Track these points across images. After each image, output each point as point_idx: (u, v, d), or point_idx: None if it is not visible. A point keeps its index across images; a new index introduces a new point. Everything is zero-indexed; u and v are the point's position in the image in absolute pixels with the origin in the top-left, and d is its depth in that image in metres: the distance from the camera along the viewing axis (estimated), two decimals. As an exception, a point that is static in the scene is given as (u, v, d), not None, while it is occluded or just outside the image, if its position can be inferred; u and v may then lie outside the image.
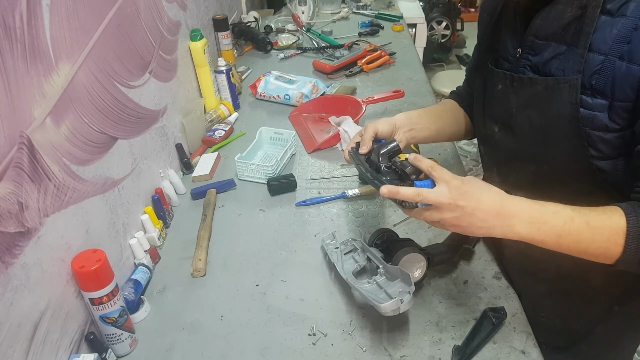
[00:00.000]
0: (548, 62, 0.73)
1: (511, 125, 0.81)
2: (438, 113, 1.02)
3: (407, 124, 0.94)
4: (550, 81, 0.72)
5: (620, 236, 0.64)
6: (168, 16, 1.23)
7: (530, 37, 0.75)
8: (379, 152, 0.79)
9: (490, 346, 0.79)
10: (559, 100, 0.71)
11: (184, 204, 1.18)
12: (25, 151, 0.66)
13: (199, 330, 0.86)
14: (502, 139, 0.85)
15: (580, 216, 0.65)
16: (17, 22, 0.64)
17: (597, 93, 0.67)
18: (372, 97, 1.46)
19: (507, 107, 0.81)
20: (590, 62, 0.67)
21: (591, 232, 0.64)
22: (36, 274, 0.68)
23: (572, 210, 0.66)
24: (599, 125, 0.68)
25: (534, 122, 0.77)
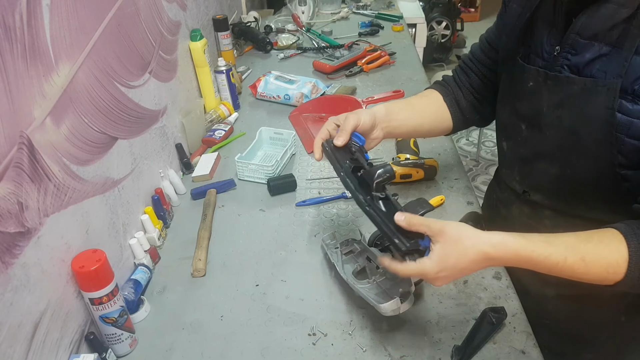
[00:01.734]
0: (589, 63, 0.70)
1: (540, 125, 0.78)
2: (419, 108, 0.98)
3: (386, 120, 0.91)
4: (589, 82, 0.69)
5: (620, 266, 0.63)
6: (168, 16, 1.23)
7: (572, 35, 0.71)
8: (373, 179, 0.74)
9: (490, 346, 0.79)
10: (595, 103, 0.68)
11: (184, 204, 1.18)
12: (25, 151, 0.66)
13: (199, 330, 0.86)
14: (528, 138, 0.81)
15: (574, 254, 0.64)
16: (17, 22, 0.64)
17: (638, 99, 0.65)
18: (372, 97, 1.47)
19: (537, 106, 0.77)
20: (635, 66, 0.64)
21: (586, 267, 0.64)
22: (36, 274, 0.68)
23: (566, 247, 0.64)
24: (636, 132, 0.66)
25: (565, 124, 0.74)
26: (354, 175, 0.78)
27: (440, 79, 1.04)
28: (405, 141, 1.26)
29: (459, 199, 1.12)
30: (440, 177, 1.19)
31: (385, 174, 0.74)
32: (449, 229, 0.66)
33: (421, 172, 1.16)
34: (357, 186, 0.76)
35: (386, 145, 1.34)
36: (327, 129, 0.87)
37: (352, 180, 0.77)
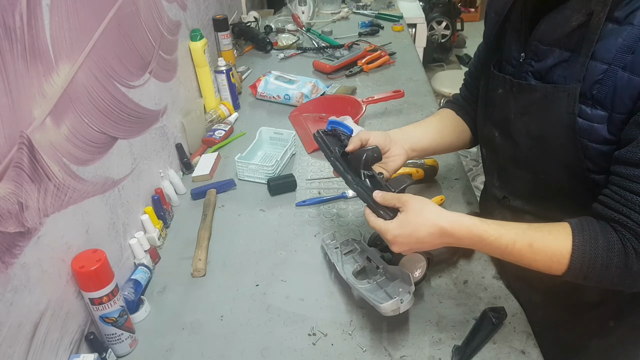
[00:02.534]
0: (551, 69, 0.71)
1: (510, 132, 0.79)
2: (434, 123, 0.99)
3: (404, 137, 0.92)
4: (549, 89, 0.70)
5: (564, 256, 0.66)
6: (168, 16, 1.23)
7: (534, 42, 0.73)
8: (362, 157, 0.80)
9: (490, 346, 0.79)
10: (556, 109, 0.69)
11: (184, 204, 1.18)
12: (25, 151, 0.66)
13: (199, 330, 0.86)
14: (501, 145, 0.83)
15: (523, 239, 0.67)
16: (17, 22, 0.64)
17: (597, 104, 0.65)
18: (372, 97, 1.46)
19: (506, 113, 0.79)
20: (592, 71, 0.65)
21: (533, 253, 0.67)
22: (36, 274, 0.68)
23: (517, 232, 0.68)
24: (597, 137, 0.66)
25: (532, 130, 0.75)
26: (343, 159, 0.84)
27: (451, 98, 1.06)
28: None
29: (459, 199, 1.12)
30: (440, 177, 1.19)
31: (372, 154, 0.81)
32: (413, 201, 0.71)
33: (421, 172, 1.16)
34: (346, 168, 0.82)
35: (386, 145, 1.34)
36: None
37: (342, 163, 0.83)
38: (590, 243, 0.65)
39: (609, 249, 0.64)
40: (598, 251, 0.65)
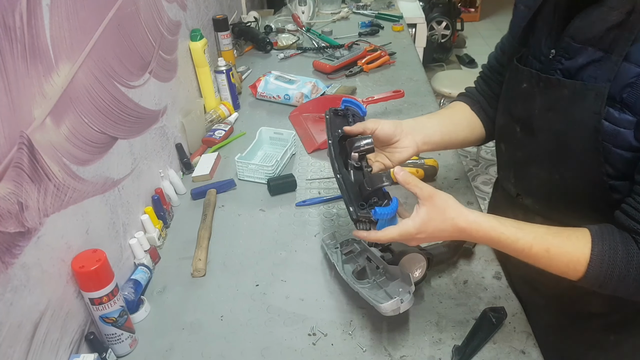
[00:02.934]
0: (581, 69, 0.68)
1: (532, 127, 0.77)
2: (448, 116, 0.96)
3: (417, 128, 0.88)
4: (578, 85, 0.68)
5: (581, 264, 0.65)
6: (168, 16, 1.23)
7: (566, 39, 0.69)
8: (352, 146, 0.77)
9: (490, 346, 0.79)
10: (583, 107, 0.67)
11: (184, 204, 1.18)
12: (25, 151, 0.66)
13: (199, 330, 0.86)
14: (521, 140, 0.81)
15: (540, 243, 0.67)
16: (17, 22, 0.64)
17: (626, 107, 0.62)
18: (372, 97, 1.46)
19: (530, 108, 0.77)
20: (624, 73, 0.62)
21: (549, 259, 0.67)
22: (36, 274, 0.68)
23: (534, 236, 0.67)
24: (622, 142, 0.64)
25: (555, 127, 0.72)
26: (340, 143, 0.80)
27: (465, 91, 1.01)
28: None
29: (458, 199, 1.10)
30: (440, 177, 1.19)
31: (365, 145, 0.77)
32: (438, 197, 0.70)
33: (421, 172, 1.16)
34: (337, 155, 0.79)
35: (386, 145, 1.34)
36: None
37: (336, 148, 0.79)
38: (609, 253, 0.63)
39: (628, 261, 0.63)
40: (616, 262, 0.63)
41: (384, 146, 0.88)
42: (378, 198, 0.71)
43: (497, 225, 0.68)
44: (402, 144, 0.87)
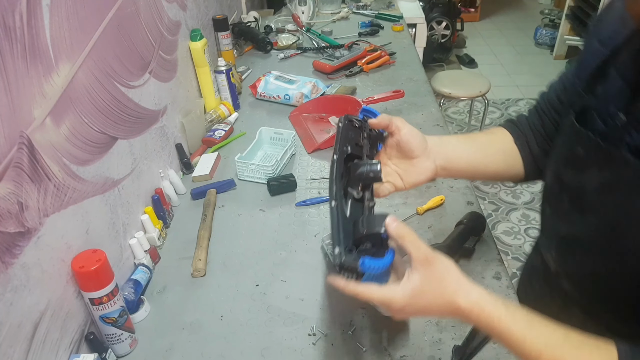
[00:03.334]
0: None
1: (583, 205, 0.63)
2: (483, 143, 0.79)
3: (440, 148, 0.73)
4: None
5: None
6: (168, 16, 1.23)
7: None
8: (357, 171, 0.64)
9: (490, 346, 0.79)
10: None
11: (183, 204, 1.18)
12: (25, 151, 0.66)
13: (199, 330, 0.86)
14: (569, 214, 0.66)
15: (552, 353, 0.52)
16: (17, 22, 0.64)
17: None
18: (372, 97, 1.46)
19: (582, 180, 0.62)
20: None
21: None
22: (36, 274, 0.68)
23: (547, 343, 0.52)
24: None
25: (611, 214, 0.59)
26: (344, 163, 0.68)
27: (514, 117, 0.84)
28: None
29: (458, 199, 1.12)
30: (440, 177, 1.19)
31: (368, 173, 0.64)
32: (438, 264, 0.56)
33: (421, 172, 1.16)
34: (338, 176, 0.65)
35: (386, 145, 1.34)
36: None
37: (339, 167, 0.66)
38: None
39: None
40: None
41: (401, 158, 0.73)
42: (373, 244, 0.57)
43: (504, 315, 0.54)
44: (421, 164, 0.71)
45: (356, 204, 0.63)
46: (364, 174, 0.64)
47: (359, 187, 0.64)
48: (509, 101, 3.60)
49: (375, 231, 0.56)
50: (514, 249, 2.31)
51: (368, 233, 0.56)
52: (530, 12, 5.28)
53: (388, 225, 0.56)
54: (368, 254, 0.56)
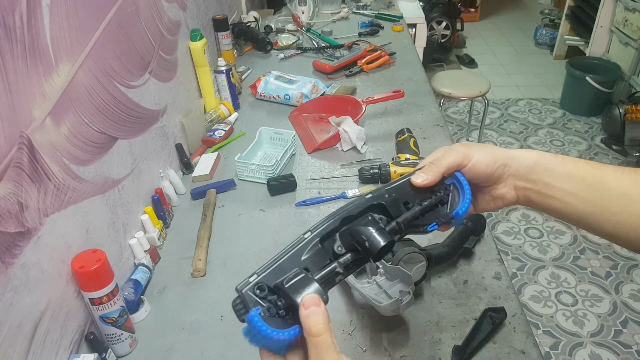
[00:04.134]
0: None
1: None
2: (613, 186, 0.52)
3: (532, 176, 0.54)
4: None
5: None
6: (168, 16, 1.23)
7: None
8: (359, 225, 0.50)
9: (490, 346, 0.79)
10: None
11: (183, 204, 1.18)
12: (25, 151, 0.66)
13: (199, 330, 0.86)
14: None
15: None
16: (17, 22, 0.64)
17: None
18: (372, 97, 1.46)
19: None
20: None
21: None
22: (36, 274, 0.68)
23: None
24: None
25: None
26: (367, 209, 0.52)
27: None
28: (405, 141, 1.27)
29: (458, 199, 1.12)
30: (440, 177, 1.19)
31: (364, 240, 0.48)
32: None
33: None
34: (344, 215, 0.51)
35: (386, 145, 1.34)
36: (434, 156, 0.57)
37: (356, 208, 0.51)
38: None
39: None
40: None
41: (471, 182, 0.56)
42: (287, 306, 0.44)
43: None
44: (493, 192, 0.58)
45: (323, 254, 0.49)
46: (360, 234, 0.48)
47: (345, 244, 0.50)
48: (509, 101, 3.60)
49: (294, 299, 0.42)
50: (514, 249, 2.31)
51: (287, 292, 0.43)
52: (530, 12, 5.28)
53: (303, 304, 0.41)
54: (272, 311, 0.43)
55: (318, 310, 0.41)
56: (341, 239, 0.50)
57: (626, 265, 2.20)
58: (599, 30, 3.44)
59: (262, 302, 0.43)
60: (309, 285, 0.43)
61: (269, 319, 0.41)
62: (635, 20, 3.05)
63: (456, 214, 0.54)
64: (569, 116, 3.38)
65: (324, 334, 0.40)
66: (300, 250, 0.48)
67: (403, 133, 1.29)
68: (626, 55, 3.15)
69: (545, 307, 2.02)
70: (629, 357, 1.81)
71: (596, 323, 1.94)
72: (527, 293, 2.08)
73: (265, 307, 0.43)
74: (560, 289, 2.10)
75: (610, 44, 3.41)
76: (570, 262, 2.23)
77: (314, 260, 0.48)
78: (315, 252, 0.49)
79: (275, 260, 0.47)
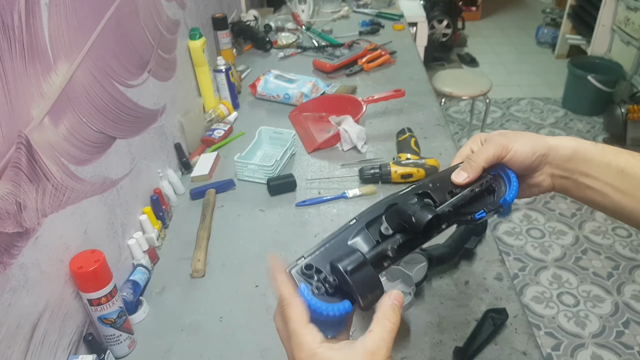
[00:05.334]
0: None
1: None
2: None
3: (569, 165, 0.54)
4: None
5: None
6: (167, 15, 1.22)
7: None
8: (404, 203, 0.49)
9: (492, 347, 0.78)
10: None
11: (182, 204, 1.17)
12: (24, 151, 0.66)
13: (198, 331, 0.85)
14: None
15: None
16: (15, 21, 0.64)
17: None
18: (372, 97, 1.46)
19: None
20: None
21: None
22: (34, 275, 0.68)
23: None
24: None
25: None
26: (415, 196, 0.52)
27: None
28: (406, 140, 1.26)
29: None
30: (441, 177, 1.19)
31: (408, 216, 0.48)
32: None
33: (422, 171, 1.15)
34: (389, 201, 0.51)
35: (387, 144, 1.33)
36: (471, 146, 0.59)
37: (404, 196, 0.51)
38: None
39: None
40: None
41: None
42: (338, 282, 0.45)
43: None
44: (529, 180, 0.58)
45: (371, 238, 0.49)
46: (407, 211, 0.48)
47: (393, 224, 0.49)
48: (511, 100, 3.59)
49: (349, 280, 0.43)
50: (516, 249, 2.30)
51: (350, 279, 0.43)
52: (532, 11, 5.27)
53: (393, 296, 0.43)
54: (321, 289, 0.44)
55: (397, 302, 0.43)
56: (387, 220, 0.50)
57: (628, 266, 2.19)
58: (601, 29, 3.43)
59: (309, 281, 0.44)
60: (376, 280, 0.44)
61: (319, 296, 0.43)
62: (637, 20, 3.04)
63: (504, 202, 0.54)
64: (570, 116, 3.37)
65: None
66: (347, 235, 0.48)
67: (404, 132, 1.29)
68: (628, 55, 3.14)
69: (547, 308, 2.01)
70: (630, 358, 1.81)
71: (598, 324, 1.94)
72: (529, 294, 2.08)
73: (313, 286, 0.44)
74: (562, 290, 2.09)
75: (612, 43, 3.40)
76: (572, 262, 2.23)
77: (359, 245, 0.48)
78: (361, 237, 0.49)
79: (322, 245, 0.47)
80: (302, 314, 0.42)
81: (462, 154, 0.58)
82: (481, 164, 0.54)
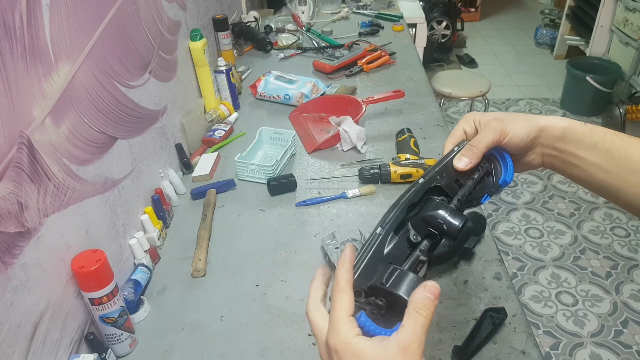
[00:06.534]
0: None
1: None
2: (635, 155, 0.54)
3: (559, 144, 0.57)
4: None
5: None
6: (168, 16, 1.23)
7: None
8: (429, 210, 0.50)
9: (491, 346, 0.79)
10: None
11: (183, 204, 1.18)
12: (25, 151, 0.66)
13: (199, 330, 0.86)
14: None
15: None
16: (16, 22, 0.64)
17: None
18: (372, 97, 1.46)
19: None
20: None
21: None
22: (36, 274, 0.68)
23: None
24: None
25: None
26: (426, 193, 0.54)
27: None
28: (406, 141, 1.26)
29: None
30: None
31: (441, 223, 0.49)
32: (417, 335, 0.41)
33: (421, 171, 1.16)
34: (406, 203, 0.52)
35: (386, 144, 1.34)
36: (463, 127, 0.60)
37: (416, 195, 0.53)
38: None
39: None
40: None
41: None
42: (387, 305, 0.45)
43: None
44: (522, 159, 0.61)
45: (401, 245, 0.50)
46: (436, 219, 0.49)
47: (421, 232, 0.50)
48: (509, 101, 3.60)
49: (399, 294, 0.43)
50: (514, 249, 2.31)
51: (389, 290, 0.43)
52: (531, 11, 5.28)
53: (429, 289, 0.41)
54: (372, 312, 0.44)
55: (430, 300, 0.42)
56: (414, 228, 0.51)
57: (626, 265, 2.20)
58: (600, 30, 3.44)
59: (363, 307, 0.45)
60: (410, 279, 0.44)
61: (376, 321, 0.43)
62: (635, 20, 3.05)
63: (504, 182, 0.57)
64: (569, 116, 3.37)
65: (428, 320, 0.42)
66: (380, 247, 0.49)
67: (403, 133, 1.29)
68: (626, 55, 3.15)
69: (546, 307, 2.02)
70: (629, 357, 1.81)
71: (596, 323, 1.94)
72: (528, 293, 2.08)
73: (367, 310, 0.44)
74: (561, 289, 2.10)
75: (610, 44, 3.40)
76: (571, 262, 2.23)
77: (394, 253, 0.49)
78: (394, 245, 0.49)
79: (360, 262, 0.47)
80: (348, 304, 0.44)
81: (456, 134, 0.60)
82: (482, 150, 0.56)
